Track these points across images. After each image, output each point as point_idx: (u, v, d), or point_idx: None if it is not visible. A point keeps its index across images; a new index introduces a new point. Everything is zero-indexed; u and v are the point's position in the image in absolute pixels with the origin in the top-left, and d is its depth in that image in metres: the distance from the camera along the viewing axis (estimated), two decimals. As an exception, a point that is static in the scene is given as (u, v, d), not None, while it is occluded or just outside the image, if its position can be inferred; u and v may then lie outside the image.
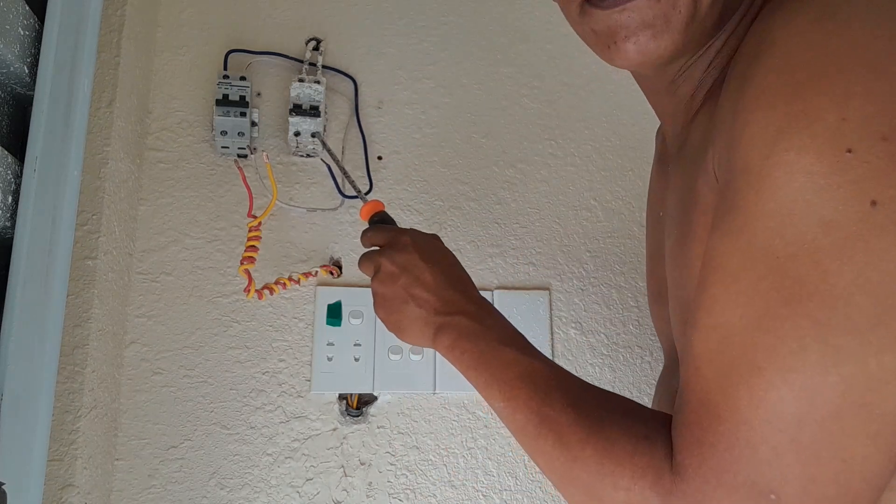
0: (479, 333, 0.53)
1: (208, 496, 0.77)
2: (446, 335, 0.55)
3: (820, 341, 0.33)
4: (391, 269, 0.59)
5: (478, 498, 0.82)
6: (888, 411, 0.33)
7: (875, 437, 0.33)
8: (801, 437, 0.33)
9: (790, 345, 0.33)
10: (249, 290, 0.75)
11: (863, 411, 0.33)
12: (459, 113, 0.93)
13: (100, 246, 0.70)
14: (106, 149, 0.72)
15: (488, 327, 0.54)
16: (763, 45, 0.37)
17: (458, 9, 0.95)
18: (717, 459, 0.35)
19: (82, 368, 0.67)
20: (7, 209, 0.62)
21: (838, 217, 0.32)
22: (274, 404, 0.80)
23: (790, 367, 0.33)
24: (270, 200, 0.79)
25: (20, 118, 0.68)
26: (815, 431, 0.33)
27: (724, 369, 0.36)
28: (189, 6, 0.89)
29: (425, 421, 0.83)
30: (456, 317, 0.55)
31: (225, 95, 0.81)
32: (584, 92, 0.96)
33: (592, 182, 0.94)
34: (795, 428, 0.33)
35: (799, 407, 0.33)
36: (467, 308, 0.56)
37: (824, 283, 0.33)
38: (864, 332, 0.32)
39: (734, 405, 0.35)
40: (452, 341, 0.54)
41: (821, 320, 0.33)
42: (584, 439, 0.42)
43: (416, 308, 0.57)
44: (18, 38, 0.64)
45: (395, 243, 0.61)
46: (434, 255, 0.60)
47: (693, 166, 0.46)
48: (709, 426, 0.36)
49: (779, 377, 0.33)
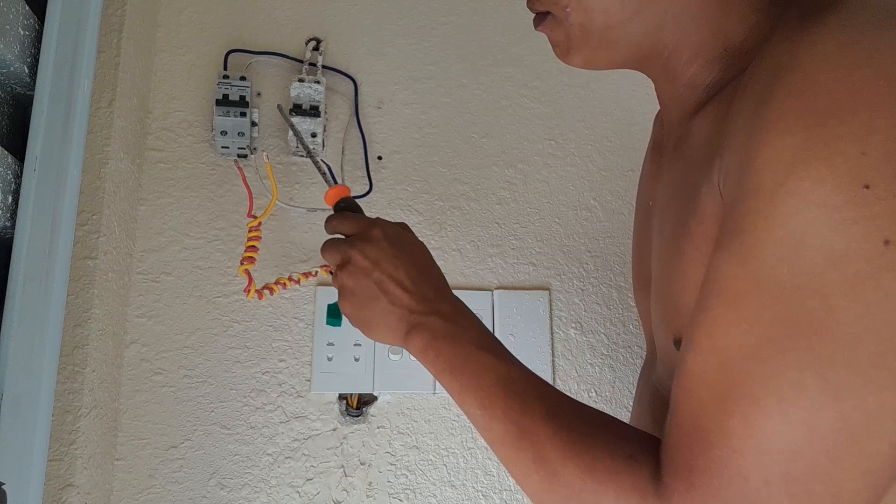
0: (454, 335, 0.51)
1: (208, 496, 0.77)
2: (419, 335, 0.53)
3: (820, 376, 0.32)
4: (362, 263, 0.56)
5: (478, 498, 0.82)
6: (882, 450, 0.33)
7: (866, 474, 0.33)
8: (793, 470, 0.33)
9: (790, 377, 0.33)
10: (249, 290, 0.75)
11: (857, 448, 0.33)
12: (459, 113, 0.93)
13: (100, 246, 0.70)
14: (106, 149, 0.72)
15: (463, 328, 0.52)
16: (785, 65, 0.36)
17: (457, 9, 0.95)
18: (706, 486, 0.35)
19: (82, 368, 0.67)
20: (7, 209, 0.62)
21: (850, 252, 0.32)
22: (274, 404, 0.80)
23: (788, 398, 0.33)
24: (270, 200, 0.79)
25: (20, 118, 0.68)
26: (807, 465, 0.33)
27: (720, 395, 0.35)
28: (189, 6, 0.89)
29: (425, 421, 0.83)
30: (430, 317, 0.53)
31: (225, 95, 0.81)
32: (584, 92, 0.96)
33: (592, 182, 0.94)
34: (788, 460, 0.33)
35: (793, 440, 0.33)
36: (442, 308, 0.53)
37: (830, 317, 0.32)
38: (866, 370, 0.32)
39: (727, 432, 0.34)
40: (426, 342, 0.52)
41: (823, 355, 0.32)
42: (565, 455, 0.41)
43: (388, 305, 0.55)
44: (18, 38, 0.64)
45: (366, 235, 0.57)
46: (407, 250, 0.57)
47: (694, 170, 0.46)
48: (700, 451, 0.35)
49: (776, 408, 0.33)
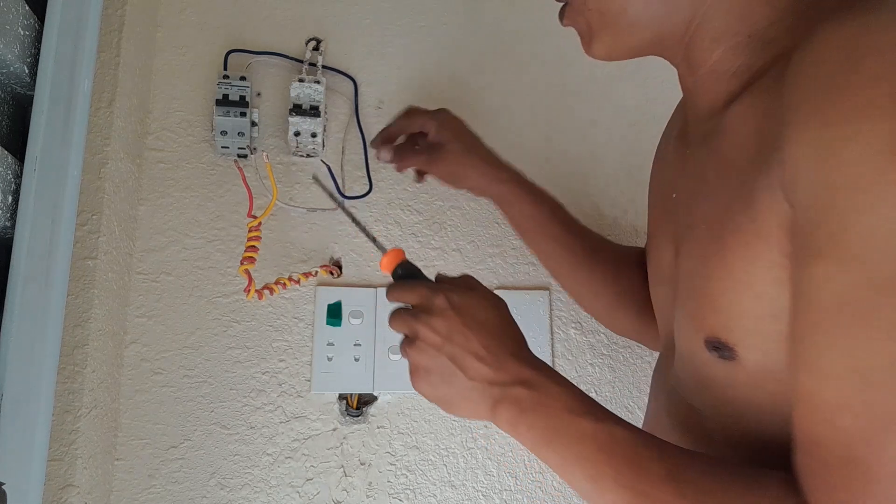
0: (542, 404, 0.48)
1: (208, 496, 0.77)
2: (506, 410, 0.49)
3: None
4: (432, 339, 0.52)
5: (478, 498, 0.82)
6: None
7: None
8: None
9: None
10: (249, 290, 0.75)
11: None
12: (459, 113, 0.93)
13: (100, 246, 0.70)
14: (106, 149, 0.72)
15: (552, 396, 0.48)
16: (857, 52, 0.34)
17: (457, 9, 0.95)
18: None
19: (82, 368, 0.67)
20: (7, 209, 0.62)
21: None
22: (274, 404, 0.80)
23: None
24: (270, 200, 0.79)
25: (20, 118, 0.68)
26: None
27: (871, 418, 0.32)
28: (189, 6, 0.89)
29: (425, 421, 0.83)
30: (514, 388, 0.49)
31: (225, 95, 0.81)
32: (584, 92, 0.96)
33: (593, 182, 0.94)
34: None
35: None
36: (524, 375, 0.50)
37: None
38: None
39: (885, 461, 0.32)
40: (514, 417, 0.49)
41: None
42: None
43: (466, 381, 0.51)
44: (18, 38, 0.64)
45: (430, 307, 0.53)
46: (478, 316, 0.53)
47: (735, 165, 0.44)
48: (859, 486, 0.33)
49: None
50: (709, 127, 0.50)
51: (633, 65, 0.98)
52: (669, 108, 0.98)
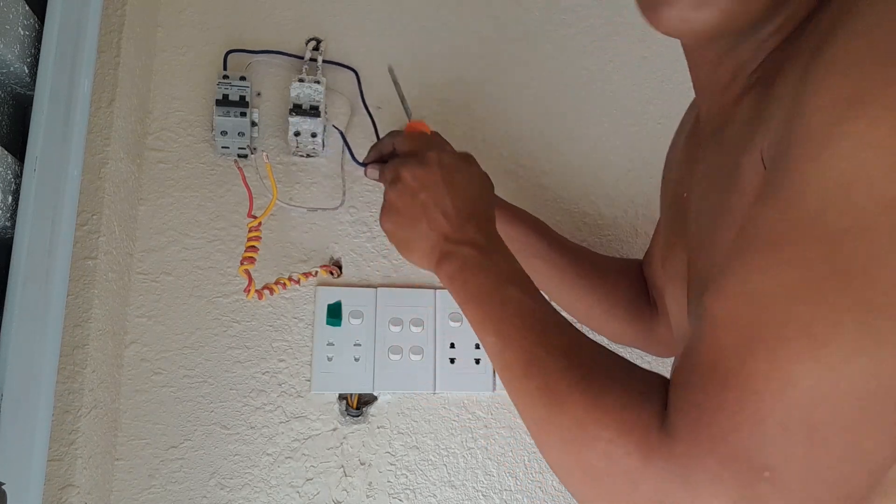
0: (483, 267, 0.52)
1: (208, 496, 0.77)
2: (450, 263, 0.53)
3: (860, 321, 0.31)
4: (411, 184, 0.57)
5: (478, 498, 0.82)
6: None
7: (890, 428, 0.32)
8: (815, 416, 0.31)
9: (827, 319, 0.31)
10: (249, 290, 0.75)
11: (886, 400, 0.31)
12: (459, 112, 0.93)
13: (100, 246, 0.70)
14: (106, 149, 0.72)
15: (494, 262, 0.52)
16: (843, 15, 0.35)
17: (458, 9, 0.95)
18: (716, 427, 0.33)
19: (82, 368, 0.67)
20: (7, 209, 0.62)
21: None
22: (274, 404, 0.80)
23: (822, 341, 0.31)
24: (270, 200, 0.79)
25: (20, 118, 0.68)
26: (831, 413, 0.31)
27: (746, 335, 0.33)
28: (189, 6, 0.89)
29: (425, 421, 0.83)
30: (464, 247, 0.53)
31: (225, 95, 0.81)
32: (584, 93, 0.96)
33: (593, 182, 0.94)
34: (811, 406, 0.31)
35: (821, 385, 0.31)
36: (477, 239, 0.54)
37: (876, 262, 0.31)
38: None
39: (749, 373, 0.32)
40: (455, 271, 0.53)
41: (865, 300, 0.31)
42: (571, 385, 0.40)
43: (427, 229, 0.56)
44: (18, 38, 0.64)
45: (421, 157, 0.59)
46: (458, 180, 0.57)
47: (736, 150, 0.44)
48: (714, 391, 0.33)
49: (807, 351, 0.31)
50: (719, 122, 0.49)
51: (634, 64, 0.98)
52: (670, 107, 0.99)
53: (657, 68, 0.98)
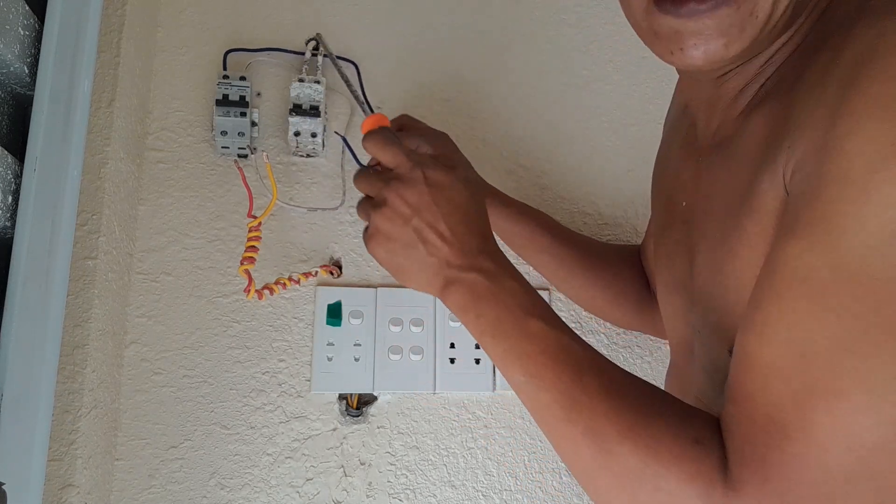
0: (497, 297, 0.48)
1: (208, 496, 0.77)
2: (459, 293, 0.50)
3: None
4: (401, 209, 0.52)
5: (478, 498, 0.82)
6: None
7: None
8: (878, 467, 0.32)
9: (883, 371, 0.32)
10: (249, 290, 0.75)
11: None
12: (460, 112, 0.93)
13: (100, 246, 0.70)
14: (106, 149, 0.72)
15: (509, 291, 0.48)
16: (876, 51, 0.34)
17: (458, 8, 0.95)
18: (783, 480, 0.33)
19: (82, 368, 0.67)
20: (7, 209, 0.62)
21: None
22: (274, 404, 0.80)
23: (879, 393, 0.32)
24: (270, 200, 0.79)
25: (20, 118, 0.68)
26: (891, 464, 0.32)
27: (801, 388, 0.33)
28: (189, 6, 0.89)
29: (425, 421, 0.83)
30: (471, 273, 0.49)
31: (225, 95, 0.81)
32: (583, 92, 0.96)
33: (592, 182, 0.94)
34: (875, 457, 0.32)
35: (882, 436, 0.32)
36: (484, 265, 0.50)
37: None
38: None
39: (810, 426, 0.33)
40: (466, 302, 0.49)
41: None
42: (622, 432, 0.39)
43: (425, 255, 0.51)
44: (18, 38, 0.64)
45: (407, 177, 0.53)
46: (451, 197, 0.52)
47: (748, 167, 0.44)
48: (777, 445, 0.34)
49: (865, 403, 0.32)
50: (724, 134, 0.49)
51: (633, 64, 0.98)
52: (669, 108, 0.98)
53: (657, 68, 0.98)
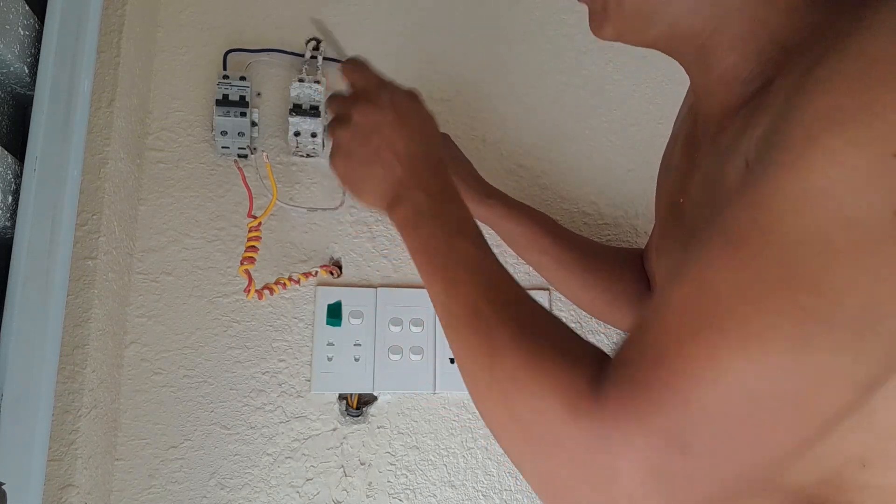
0: (435, 216, 0.52)
1: (208, 496, 0.77)
2: (403, 208, 0.53)
3: (797, 326, 0.33)
4: (364, 126, 0.56)
5: (478, 498, 0.82)
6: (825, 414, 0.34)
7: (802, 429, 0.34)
8: (735, 408, 0.33)
9: (767, 320, 0.33)
10: (249, 290, 0.75)
11: (805, 404, 0.33)
12: (460, 112, 0.93)
13: (100, 246, 0.70)
14: (106, 149, 0.72)
15: (448, 212, 0.52)
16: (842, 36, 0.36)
17: (458, 9, 0.95)
18: (645, 400, 0.35)
19: (82, 368, 0.67)
20: (7, 209, 0.62)
21: (861, 217, 0.32)
22: (274, 404, 0.80)
23: (758, 340, 0.33)
24: (270, 200, 0.79)
25: (20, 118, 0.68)
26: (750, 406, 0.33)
27: (691, 323, 0.35)
28: (189, 6, 0.89)
29: (425, 421, 0.83)
30: (418, 192, 0.53)
31: (225, 95, 0.81)
32: (583, 92, 0.96)
33: (592, 182, 0.94)
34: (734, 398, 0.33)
35: (748, 381, 0.33)
36: (431, 186, 0.54)
37: (824, 275, 0.33)
38: (841, 333, 0.32)
39: (685, 358, 0.34)
40: (407, 216, 0.53)
41: (805, 307, 0.33)
42: (512, 342, 0.42)
43: (380, 171, 0.55)
44: (18, 38, 0.64)
45: (374, 97, 0.57)
46: (412, 122, 0.57)
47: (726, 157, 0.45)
48: (649, 369, 0.35)
49: (742, 346, 0.33)
50: (717, 129, 0.50)
51: (633, 64, 0.98)
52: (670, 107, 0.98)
53: (657, 68, 0.98)
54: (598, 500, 0.36)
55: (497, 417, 0.42)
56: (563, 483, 0.37)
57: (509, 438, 0.41)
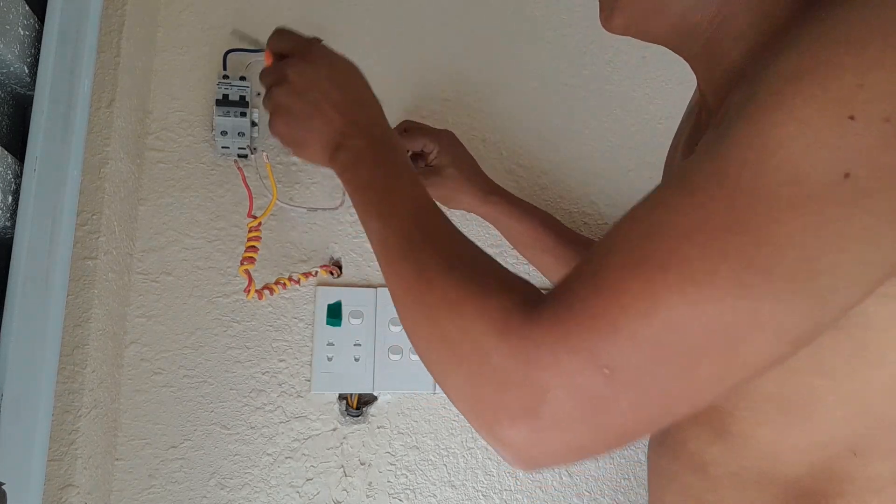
0: (375, 160, 0.53)
1: (208, 496, 0.77)
2: (345, 154, 0.55)
3: (735, 272, 0.33)
4: (300, 84, 0.57)
5: (478, 498, 0.82)
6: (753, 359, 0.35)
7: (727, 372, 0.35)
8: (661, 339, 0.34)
9: (707, 263, 0.34)
10: (249, 290, 0.75)
11: (732, 348, 0.34)
12: (460, 112, 0.93)
13: (100, 246, 0.70)
14: (106, 149, 0.72)
15: (386, 155, 0.54)
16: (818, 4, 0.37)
17: (458, 9, 0.96)
18: (575, 323, 0.35)
19: (82, 368, 0.67)
20: (7, 209, 0.62)
21: (811, 174, 0.33)
22: (274, 404, 0.80)
23: (695, 280, 0.34)
24: (270, 200, 0.79)
25: (20, 118, 0.68)
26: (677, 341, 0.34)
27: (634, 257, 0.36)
28: (189, 6, 0.89)
29: (425, 421, 0.83)
30: (358, 139, 0.55)
31: (225, 95, 0.81)
32: (583, 92, 0.96)
33: (592, 182, 0.94)
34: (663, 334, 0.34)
35: (677, 316, 0.34)
36: (372, 132, 0.56)
37: (767, 226, 0.33)
38: (776, 282, 0.33)
39: (621, 289, 0.35)
40: (349, 162, 0.54)
41: (745, 254, 0.33)
42: (444, 270, 0.43)
43: (321, 124, 0.56)
44: (18, 38, 0.64)
45: (306, 55, 0.59)
46: (345, 74, 0.59)
47: None
48: (585, 296, 0.36)
49: (677, 285, 0.34)
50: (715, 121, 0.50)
51: (633, 64, 0.98)
52: (671, 107, 0.99)
53: (657, 68, 0.98)
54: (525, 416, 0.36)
55: (426, 340, 0.43)
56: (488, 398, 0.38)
57: (436, 358, 0.42)
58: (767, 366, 0.35)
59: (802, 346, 0.36)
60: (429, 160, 0.79)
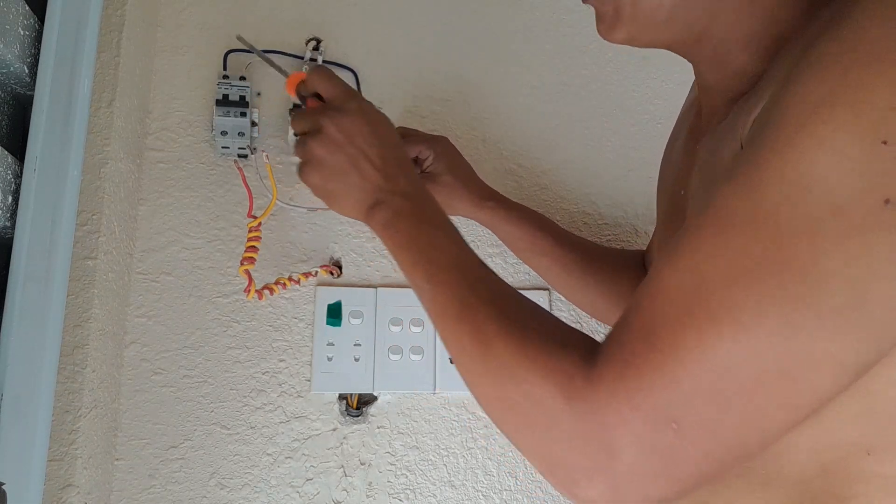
0: (416, 216, 0.54)
1: (208, 496, 0.77)
2: (383, 212, 0.55)
3: (783, 313, 0.33)
4: (337, 137, 0.57)
5: (478, 498, 0.82)
6: (810, 396, 0.35)
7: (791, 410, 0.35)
8: (723, 387, 0.35)
9: (754, 307, 0.34)
10: (249, 290, 0.75)
11: (791, 387, 0.34)
12: (460, 112, 0.93)
13: (100, 246, 0.70)
14: (106, 149, 0.72)
15: (424, 210, 0.54)
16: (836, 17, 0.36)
17: (459, 9, 0.96)
18: (637, 381, 0.36)
19: (82, 368, 0.67)
20: (7, 209, 0.62)
21: (850, 204, 0.33)
22: (274, 404, 0.80)
23: (745, 325, 0.34)
24: (270, 200, 0.79)
25: (20, 118, 0.68)
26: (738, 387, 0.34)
27: (683, 309, 0.36)
28: (189, 6, 0.89)
29: (425, 421, 0.83)
30: (396, 196, 0.55)
31: (225, 95, 0.81)
32: (583, 92, 0.96)
33: (592, 182, 0.94)
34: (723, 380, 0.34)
35: (734, 363, 0.34)
36: (408, 190, 0.56)
37: (812, 262, 0.33)
38: (827, 318, 0.33)
39: (676, 343, 0.35)
40: (388, 219, 0.54)
41: (792, 294, 0.33)
42: (500, 332, 0.43)
43: (358, 180, 0.56)
44: (18, 38, 0.64)
45: (344, 107, 0.58)
46: (382, 130, 0.59)
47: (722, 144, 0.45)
48: (641, 352, 0.36)
49: (731, 331, 0.34)
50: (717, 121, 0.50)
51: (634, 64, 0.98)
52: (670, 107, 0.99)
53: (657, 68, 0.98)
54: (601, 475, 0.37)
55: (493, 404, 0.43)
56: (563, 460, 0.39)
57: (507, 423, 0.42)
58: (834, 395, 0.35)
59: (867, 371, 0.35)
60: (424, 167, 0.78)
